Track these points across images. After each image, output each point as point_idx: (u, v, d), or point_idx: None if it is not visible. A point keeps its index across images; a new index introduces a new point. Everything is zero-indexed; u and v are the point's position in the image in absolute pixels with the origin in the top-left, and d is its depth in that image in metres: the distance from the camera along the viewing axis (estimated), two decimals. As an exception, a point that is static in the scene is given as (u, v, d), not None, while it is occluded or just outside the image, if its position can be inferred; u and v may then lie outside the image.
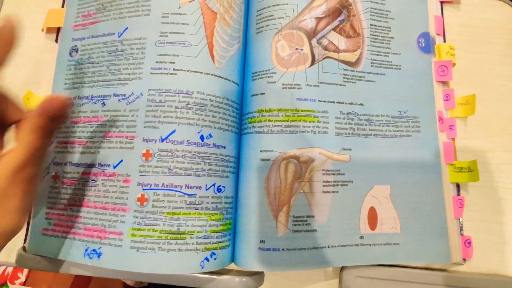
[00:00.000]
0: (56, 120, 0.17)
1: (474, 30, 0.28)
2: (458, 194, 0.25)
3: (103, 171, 0.21)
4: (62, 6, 0.28)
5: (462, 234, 0.24)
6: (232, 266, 0.22)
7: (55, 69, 0.25)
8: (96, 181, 0.22)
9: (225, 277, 0.22)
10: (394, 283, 0.23)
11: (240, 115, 0.24)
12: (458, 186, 0.25)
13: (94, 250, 0.21)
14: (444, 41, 0.27)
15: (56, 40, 0.27)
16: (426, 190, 0.24)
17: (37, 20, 0.28)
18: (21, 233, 0.24)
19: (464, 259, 0.24)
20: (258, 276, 0.23)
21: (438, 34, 0.27)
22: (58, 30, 0.27)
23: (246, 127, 0.23)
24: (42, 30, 0.28)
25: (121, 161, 0.21)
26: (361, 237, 0.23)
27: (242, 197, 0.23)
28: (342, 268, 0.24)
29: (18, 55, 0.28)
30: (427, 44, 0.26)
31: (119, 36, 0.23)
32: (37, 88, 0.27)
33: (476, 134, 0.26)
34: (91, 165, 0.22)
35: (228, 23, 0.24)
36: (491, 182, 0.25)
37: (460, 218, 0.24)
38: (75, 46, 0.25)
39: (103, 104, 0.23)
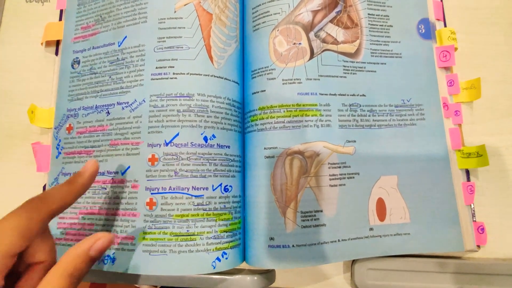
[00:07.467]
0: (93, 263, 0.15)
1: (474, 11, 0.27)
2: (468, 180, 0.25)
3: (112, 179, 0.22)
4: (60, 20, 0.28)
5: (474, 221, 0.24)
6: (244, 265, 0.23)
7: (58, 82, 0.26)
8: (106, 188, 0.22)
9: (237, 276, 0.22)
10: (407, 273, 0.23)
11: (243, 114, 0.24)
12: (467, 172, 0.25)
13: (108, 255, 0.21)
14: (445, 25, 0.27)
15: (56, 53, 0.28)
16: (434, 178, 0.23)
17: (36, 34, 0.29)
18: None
19: (479, 246, 0.23)
20: (269, 274, 0.23)
21: (438, 20, 0.26)
22: (57, 43, 0.28)
23: (249, 125, 0.23)
24: (42, 44, 0.29)
25: (129, 167, 0.21)
26: (371, 229, 0.23)
27: (249, 195, 0.23)
28: (354, 261, 0.24)
29: (20, 69, 0.29)
30: (427, 30, 0.26)
31: (119, 45, 0.23)
32: (40, 101, 0.27)
33: (483, 117, 0.26)
34: (100, 173, 0.22)
35: (224, 23, 0.24)
36: (501, 165, 0.25)
37: (472, 205, 0.24)
38: (77, 58, 0.25)
39: (108, 113, 0.23)
